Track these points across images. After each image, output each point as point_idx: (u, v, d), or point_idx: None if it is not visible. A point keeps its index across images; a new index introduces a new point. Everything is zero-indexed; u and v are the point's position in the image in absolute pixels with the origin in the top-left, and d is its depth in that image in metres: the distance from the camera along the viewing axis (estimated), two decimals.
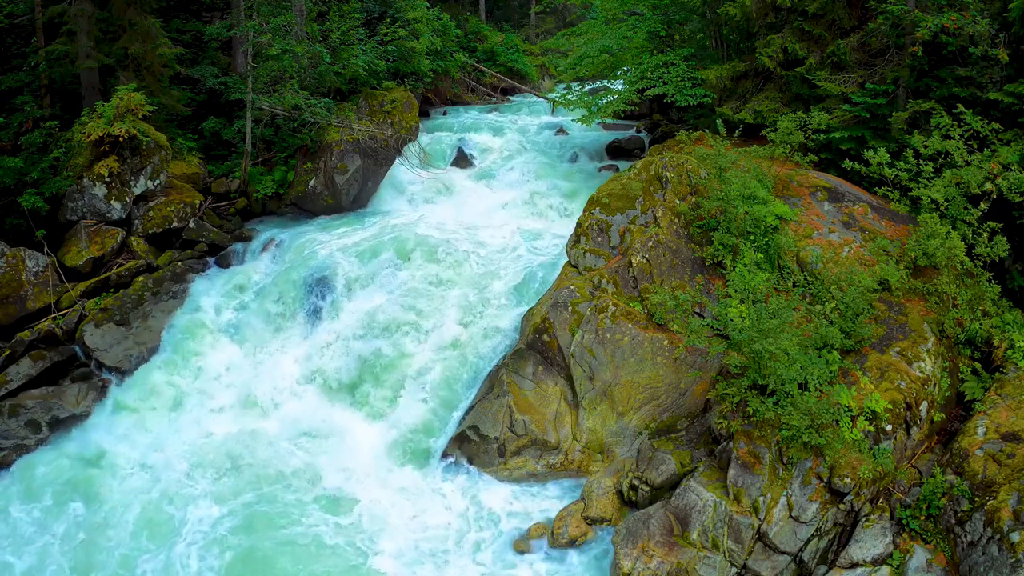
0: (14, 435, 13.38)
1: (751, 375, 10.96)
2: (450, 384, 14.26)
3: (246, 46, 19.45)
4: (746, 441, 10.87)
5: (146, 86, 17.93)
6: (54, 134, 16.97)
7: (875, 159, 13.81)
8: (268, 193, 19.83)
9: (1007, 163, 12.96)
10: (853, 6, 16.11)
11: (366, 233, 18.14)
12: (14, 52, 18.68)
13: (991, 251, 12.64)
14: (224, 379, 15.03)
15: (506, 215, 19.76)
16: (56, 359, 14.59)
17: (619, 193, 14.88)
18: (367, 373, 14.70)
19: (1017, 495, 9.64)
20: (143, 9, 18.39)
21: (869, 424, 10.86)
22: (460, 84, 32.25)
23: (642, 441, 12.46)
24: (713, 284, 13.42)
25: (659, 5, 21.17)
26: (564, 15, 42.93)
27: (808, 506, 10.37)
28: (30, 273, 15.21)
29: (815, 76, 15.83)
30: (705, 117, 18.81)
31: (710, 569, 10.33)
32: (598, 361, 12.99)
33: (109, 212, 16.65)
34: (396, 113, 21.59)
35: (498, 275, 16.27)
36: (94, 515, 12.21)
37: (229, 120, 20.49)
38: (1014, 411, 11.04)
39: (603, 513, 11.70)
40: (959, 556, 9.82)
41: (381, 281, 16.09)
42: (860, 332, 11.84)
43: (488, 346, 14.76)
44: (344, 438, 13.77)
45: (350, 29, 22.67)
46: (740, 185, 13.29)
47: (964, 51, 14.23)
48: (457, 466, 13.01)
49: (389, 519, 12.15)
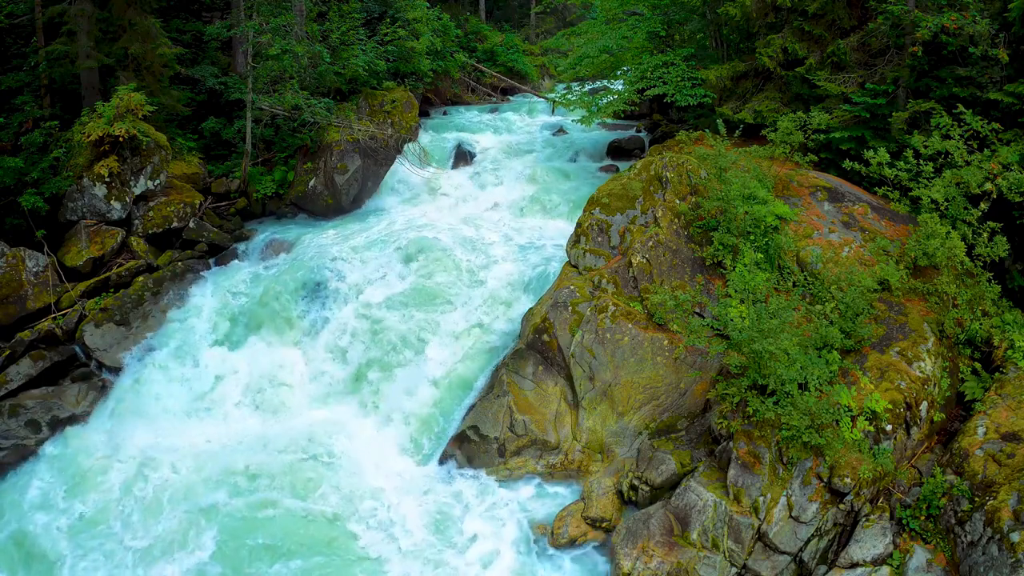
0: (14, 435, 13.37)
1: (751, 375, 10.96)
2: (450, 384, 14.26)
3: (246, 46, 19.46)
4: (746, 441, 10.87)
5: (146, 86, 17.93)
6: (54, 134, 16.96)
7: (875, 159, 13.81)
8: (268, 193, 19.84)
9: (1007, 163, 12.96)
10: (853, 6, 16.11)
11: (366, 233, 18.14)
12: (14, 52, 18.68)
13: (991, 251, 12.64)
14: (225, 379, 15.00)
15: (506, 215, 19.77)
16: (56, 359, 14.58)
17: (619, 193, 14.88)
18: (367, 373, 14.70)
19: (1017, 495, 9.64)
20: (143, 9, 18.39)
21: (869, 424, 10.86)
22: (460, 84, 32.25)
23: (642, 441, 12.46)
24: (713, 284, 13.42)
25: (659, 5, 21.18)
26: (564, 15, 42.93)
27: (808, 506, 10.37)
28: (30, 273, 15.21)
29: (815, 76, 15.84)
30: (705, 117, 18.81)
31: (710, 569, 10.34)
32: (598, 361, 12.99)
33: (109, 212, 16.65)
34: (396, 113, 21.60)
35: (498, 275, 16.28)
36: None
37: (229, 120, 20.49)
38: (1014, 411, 11.05)
39: (603, 513, 11.70)
40: (959, 556, 9.82)
41: (381, 281, 16.09)
42: (860, 332, 11.84)
43: (488, 345, 14.77)
44: (344, 438, 13.75)
45: (350, 29, 22.68)
46: (740, 185, 13.29)
47: (964, 51, 14.22)
48: (457, 466, 13.01)
49: (389, 520, 12.14)
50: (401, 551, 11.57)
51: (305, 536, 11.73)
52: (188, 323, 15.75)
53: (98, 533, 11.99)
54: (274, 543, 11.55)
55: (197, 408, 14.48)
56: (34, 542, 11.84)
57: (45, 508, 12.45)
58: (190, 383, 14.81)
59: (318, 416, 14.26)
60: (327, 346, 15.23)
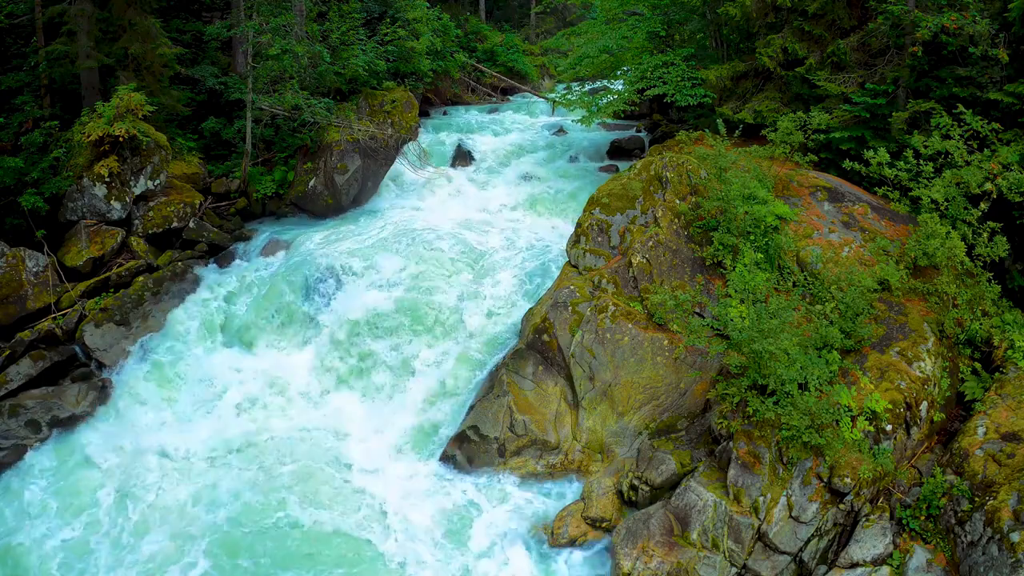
0: (14, 435, 13.36)
1: (751, 375, 10.96)
2: (450, 384, 14.27)
3: (246, 46, 19.46)
4: (746, 441, 10.87)
5: (146, 86, 17.93)
6: (54, 134, 16.96)
7: (875, 159, 13.81)
8: (268, 193, 19.84)
9: (1007, 163, 12.96)
10: (853, 6, 16.11)
11: (366, 233, 18.13)
12: (14, 52, 18.67)
13: (991, 251, 12.64)
14: (225, 379, 15.00)
15: (506, 215, 19.77)
16: (56, 359, 14.58)
17: (619, 193, 14.88)
18: (367, 372, 14.72)
19: (1017, 495, 9.64)
20: (143, 9, 18.39)
21: (869, 424, 10.86)
22: (460, 84, 32.25)
23: (642, 441, 12.46)
24: (713, 284, 13.42)
25: (659, 5, 21.18)
26: (564, 15, 42.93)
27: (808, 506, 10.37)
28: (30, 273, 15.21)
29: (815, 76, 15.84)
30: (705, 117, 18.81)
31: (710, 569, 10.34)
32: (598, 361, 12.99)
33: (109, 212, 16.65)
34: (396, 113, 21.60)
35: (498, 274, 16.29)
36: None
37: (229, 120, 20.49)
38: (1014, 411, 11.05)
39: (603, 513, 11.70)
40: (959, 556, 9.82)
41: (381, 280, 16.08)
42: (860, 332, 11.84)
43: (488, 345, 14.76)
44: (343, 438, 13.76)
45: (350, 29, 22.68)
46: (740, 185, 13.29)
47: (964, 51, 14.23)
48: (457, 466, 13.01)
49: (388, 521, 12.14)
50: (400, 551, 11.56)
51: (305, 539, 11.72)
52: (188, 323, 15.75)
53: (93, 538, 11.89)
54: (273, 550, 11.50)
55: (197, 409, 14.46)
56: (23, 556, 11.63)
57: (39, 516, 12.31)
58: (189, 384, 14.80)
59: (317, 417, 14.25)
60: (327, 346, 15.22)
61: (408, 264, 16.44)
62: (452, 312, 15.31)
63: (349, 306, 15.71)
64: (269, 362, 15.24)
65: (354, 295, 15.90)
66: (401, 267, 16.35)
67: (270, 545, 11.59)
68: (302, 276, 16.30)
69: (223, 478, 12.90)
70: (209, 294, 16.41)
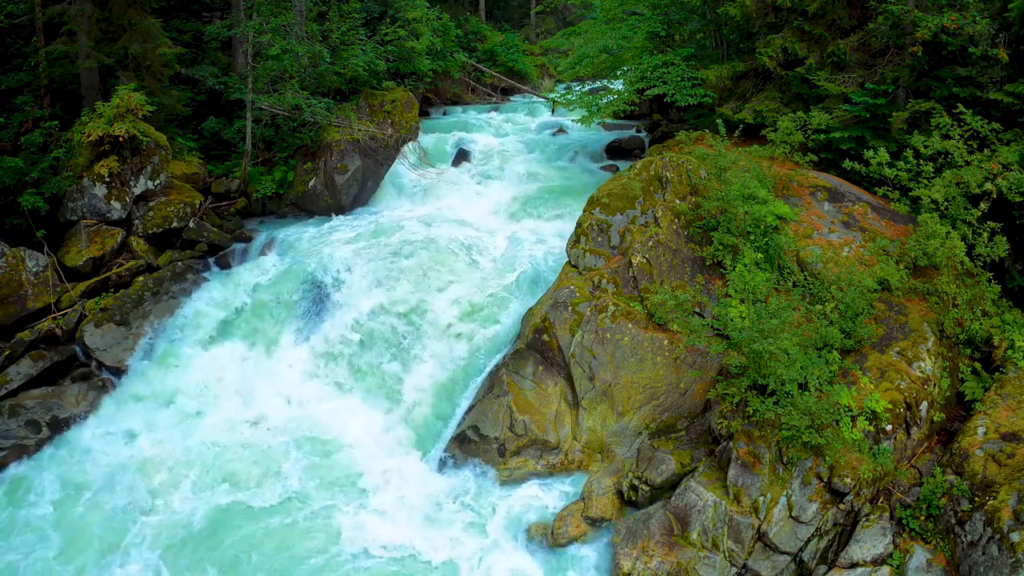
0: (14, 435, 13.37)
1: (751, 375, 10.96)
2: (450, 384, 14.27)
3: (246, 46, 19.46)
4: (746, 441, 10.87)
5: (146, 86, 17.93)
6: (54, 134, 16.96)
7: (875, 159, 13.81)
8: (268, 193, 19.85)
9: (1007, 163, 12.96)
10: (853, 6, 16.11)
11: (366, 233, 18.14)
12: (14, 52, 18.67)
13: (991, 251, 12.64)
14: (225, 379, 15.01)
15: (505, 215, 19.76)
16: (56, 359, 14.58)
17: (619, 193, 14.88)
18: (365, 373, 14.71)
19: (1017, 495, 9.65)
20: (143, 9, 18.39)
21: (869, 424, 10.86)
22: (460, 84, 32.26)
23: (642, 441, 12.46)
24: (713, 284, 13.42)
25: (659, 5, 21.17)
26: (564, 15, 42.96)
27: (808, 506, 10.37)
28: (30, 273, 15.21)
29: (815, 76, 15.84)
30: (705, 117, 18.81)
31: (710, 569, 10.34)
32: (598, 361, 12.99)
33: (109, 212, 16.65)
34: (396, 113, 21.61)
35: (497, 274, 16.28)
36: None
37: (229, 120, 20.49)
38: (1014, 411, 11.05)
39: (603, 513, 11.69)
40: (959, 556, 9.82)
41: (381, 280, 16.08)
42: (860, 332, 11.84)
43: (488, 345, 14.76)
44: (343, 438, 13.75)
45: (350, 29, 22.69)
46: (740, 185, 13.30)
47: (964, 51, 14.23)
48: (457, 466, 13.01)
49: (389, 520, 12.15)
50: (400, 552, 11.56)
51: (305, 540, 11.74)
52: (187, 323, 15.75)
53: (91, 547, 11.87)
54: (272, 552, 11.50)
55: (197, 409, 14.47)
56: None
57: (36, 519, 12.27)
58: (189, 383, 14.81)
59: (316, 417, 14.24)
60: (326, 346, 15.23)
61: (406, 264, 16.44)
62: (450, 312, 15.31)
63: (348, 306, 15.73)
64: (268, 362, 15.24)
65: (353, 295, 15.91)
66: (399, 267, 16.34)
67: (266, 544, 11.61)
68: (302, 276, 16.31)
69: (223, 478, 12.91)
70: (209, 294, 16.41)
